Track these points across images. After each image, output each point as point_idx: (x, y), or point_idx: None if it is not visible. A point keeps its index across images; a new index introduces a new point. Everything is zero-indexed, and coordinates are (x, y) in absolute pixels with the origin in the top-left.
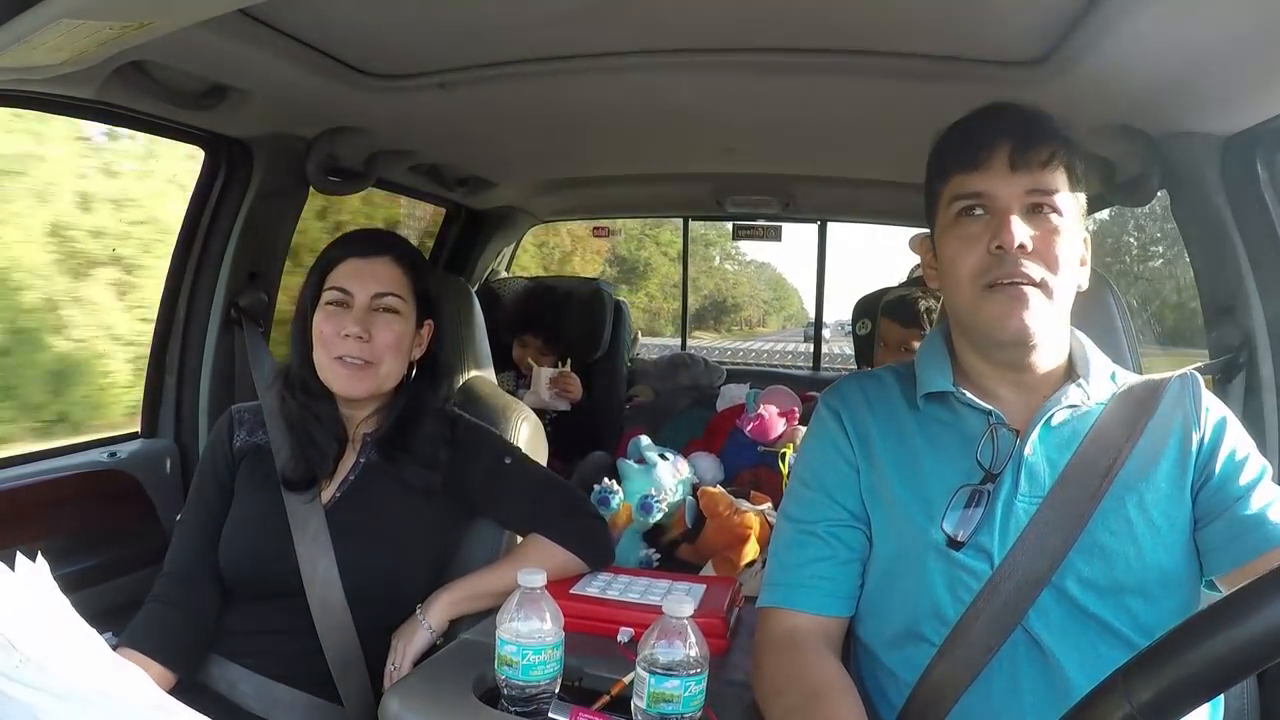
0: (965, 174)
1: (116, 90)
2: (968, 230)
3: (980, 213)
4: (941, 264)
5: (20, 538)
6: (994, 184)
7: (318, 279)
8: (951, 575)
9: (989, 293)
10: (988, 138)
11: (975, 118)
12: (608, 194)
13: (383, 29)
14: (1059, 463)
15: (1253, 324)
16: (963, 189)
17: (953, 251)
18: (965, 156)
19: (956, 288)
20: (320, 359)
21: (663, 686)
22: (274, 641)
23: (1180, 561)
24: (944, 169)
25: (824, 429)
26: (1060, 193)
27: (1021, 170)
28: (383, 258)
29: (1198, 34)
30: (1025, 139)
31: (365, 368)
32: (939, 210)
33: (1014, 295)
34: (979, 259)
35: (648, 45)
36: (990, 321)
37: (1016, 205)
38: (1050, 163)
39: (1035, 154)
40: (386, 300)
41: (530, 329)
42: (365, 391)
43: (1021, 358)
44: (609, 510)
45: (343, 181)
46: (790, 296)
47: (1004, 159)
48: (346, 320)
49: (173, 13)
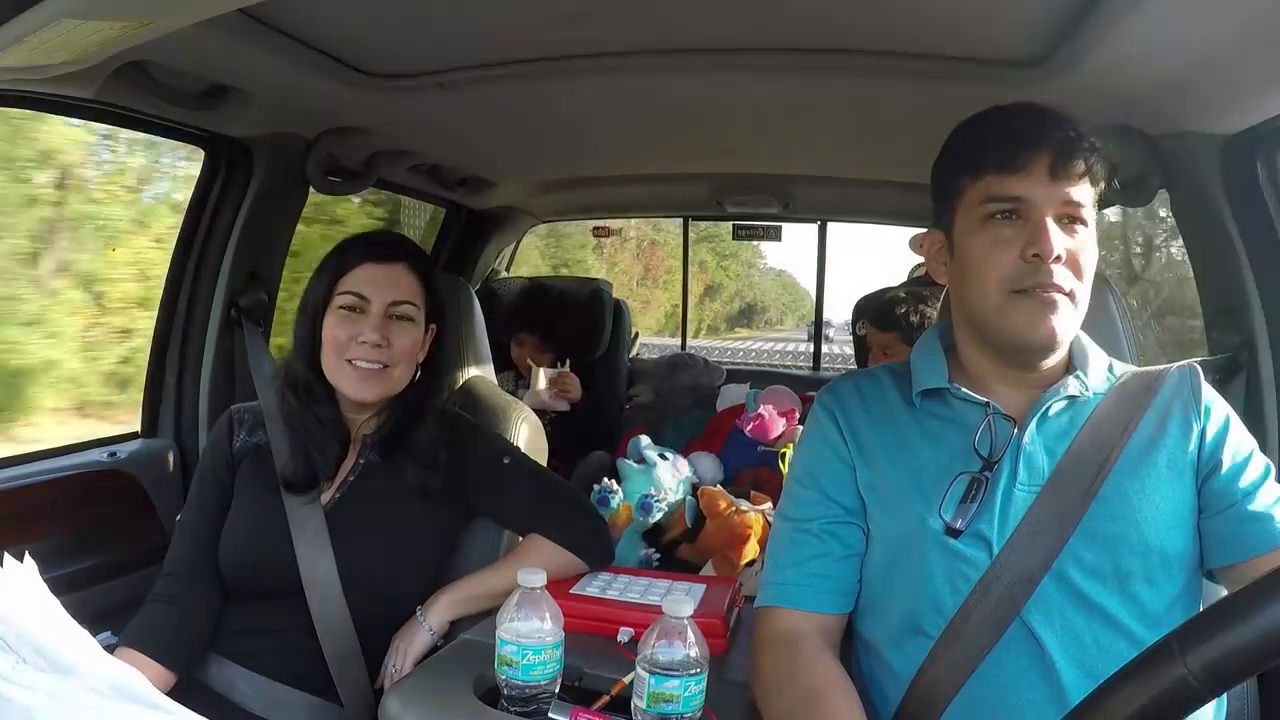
0: (1003, 175)
1: (116, 90)
2: (1000, 234)
3: (1014, 218)
4: (964, 264)
5: (20, 538)
6: (1034, 190)
7: (330, 281)
8: (950, 565)
9: (1018, 298)
10: (1030, 140)
11: (1014, 116)
12: (608, 194)
13: (383, 29)
14: (1057, 451)
15: (1253, 324)
16: (999, 190)
17: (980, 253)
18: (1005, 157)
19: (981, 291)
20: (330, 362)
21: (663, 686)
22: (274, 641)
23: (1183, 545)
24: (976, 166)
25: (819, 428)
26: (1089, 205)
27: (1061, 179)
28: (400, 265)
29: (1198, 34)
30: (1068, 148)
31: (380, 372)
32: (962, 207)
33: (1045, 302)
34: (1011, 264)
35: (647, 45)
36: (1018, 326)
37: (1051, 214)
38: (1085, 175)
39: (1075, 165)
40: (403, 308)
41: (525, 328)
42: (377, 396)
43: (1036, 360)
44: (609, 510)
45: (343, 182)
46: (803, 298)
47: (1045, 166)
48: (363, 326)
49: (173, 13)
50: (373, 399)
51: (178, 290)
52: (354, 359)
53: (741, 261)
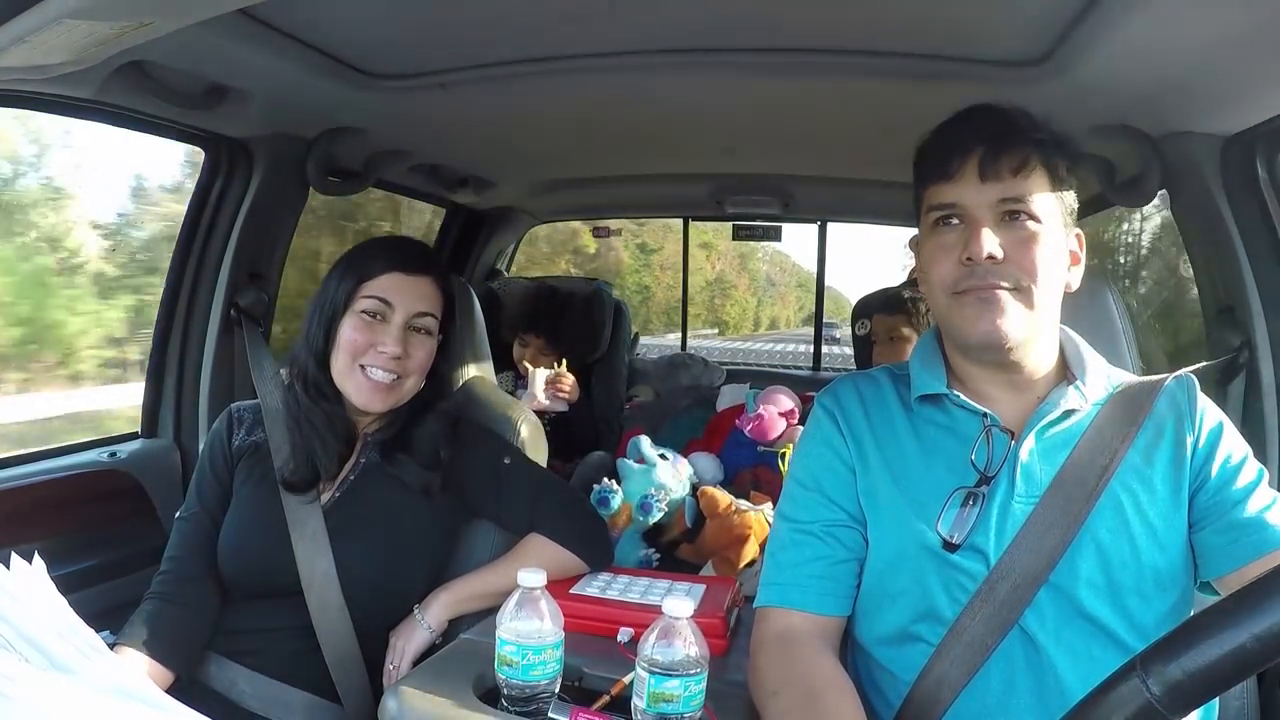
0: (938, 184)
1: (116, 90)
2: (943, 240)
3: (955, 222)
4: (921, 271)
5: (20, 538)
6: (964, 194)
7: (353, 283)
8: (947, 577)
9: (959, 299)
10: (958, 147)
11: (951, 124)
12: (608, 194)
13: (382, 29)
14: (1054, 464)
15: (1253, 324)
16: (936, 199)
17: (928, 259)
18: (938, 166)
19: (931, 294)
20: (341, 364)
21: (663, 686)
22: (273, 640)
23: (1175, 562)
24: (921, 178)
25: (820, 430)
26: (1036, 197)
27: (991, 179)
28: (426, 277)
29: (1197, 34)
30: (995, 147)
31: (394, 385)
32: (922, 216)
33: (983, 299)
34: (951, 268)
35: (647, 45)
36: (961, 326)
37: (989, 214)
38: (1023, 168)
39: (1006, 161)
40: (424, 320)
41: (532, 329)
42: (385, 407)
43: (1001, 360)
44: (609, 510)
45: (342, 182)
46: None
47: (974, 168)
48: (383, 335)
49: (173, 13)
50: (380, 409)
51: (178, 290)
52: (368, 366)
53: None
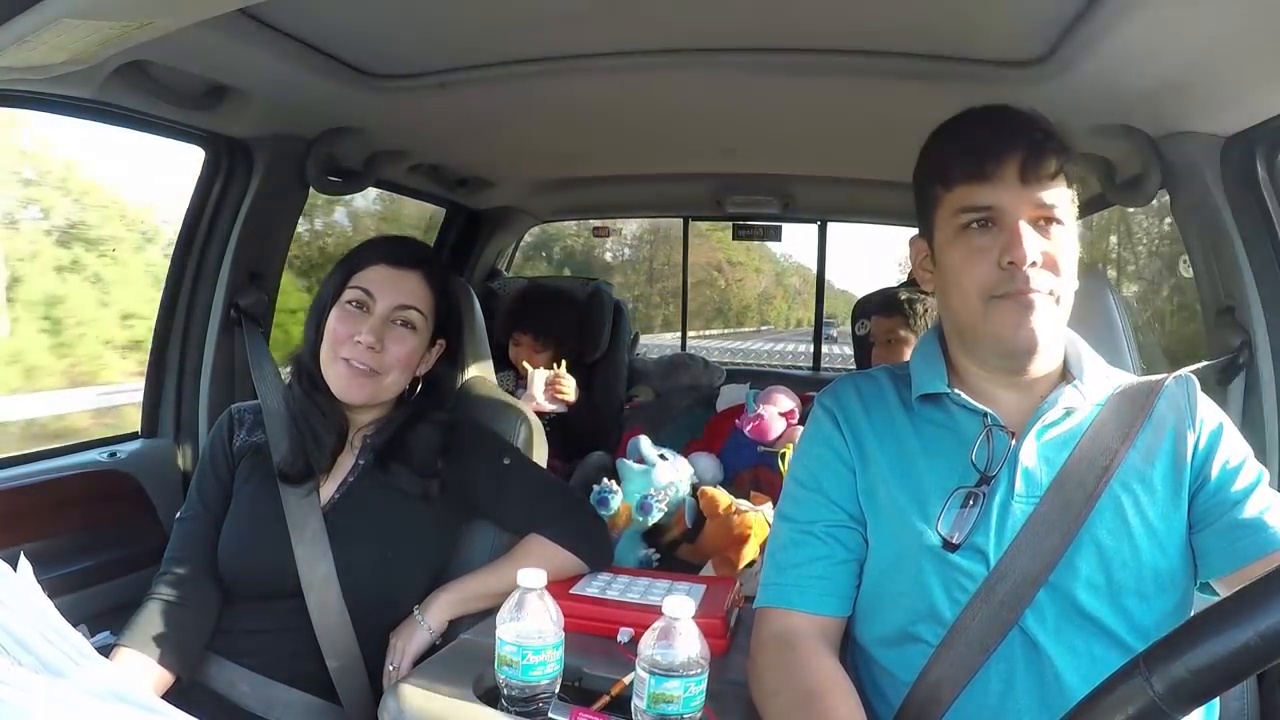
0: (973, 185)
1: (116, 90)
2: (975, 243)
3: (989, 225)
4: (944, 274)
5: (20, 538)
6: (1004, 198)
7: (343, 276)
8: (947, 577)
9: (998, 303)
10: (998, 149)
11: (981, 124)
12: (608, 194)
13: (383, 29)
14: (1055, 464)
15: (1253, 324)
16: (971, 201)
17: (958, 264)
18: (973, 167)
19: (962, 300)
20: (326, 355)
21: (663, 687)
22: (273, 641)
23: (1176, 563)
24: (948, 177)
25: (820, 430)
26: (1064, 201)
27: (1032, 184)
28: (414, 272)
29: (1197, 34)
30: (1036, 151)
31: (369, 375)
32: (939, 217)
33: (1024, 304)
34: (988, 273)
35: (647, 45)
36: (1000, 331)
37: (1026, 218)
38: (1057, 175)
39: (1045, 167)
40: (407, 314)
41: (519, 327)
42: (361, 399)
43: (1024, 364)
44: (609, 510)
45: (342, 182)
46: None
47: (1014, 172)
48: (361, 325)
49: (173, 13)
50: (358, 401)
51: (178, 290)
52: (348, 357)
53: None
